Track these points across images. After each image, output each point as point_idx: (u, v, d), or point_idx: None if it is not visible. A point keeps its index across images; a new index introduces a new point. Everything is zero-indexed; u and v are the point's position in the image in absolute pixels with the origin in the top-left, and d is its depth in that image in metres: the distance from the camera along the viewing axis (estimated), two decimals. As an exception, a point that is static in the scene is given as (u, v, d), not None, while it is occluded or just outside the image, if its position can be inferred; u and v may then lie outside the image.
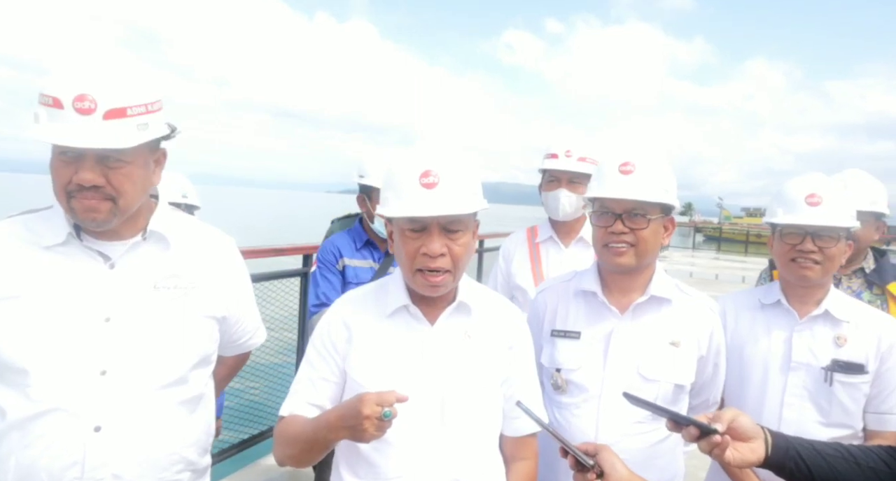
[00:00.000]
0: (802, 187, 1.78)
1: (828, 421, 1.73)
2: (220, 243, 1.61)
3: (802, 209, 1.75)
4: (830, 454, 1.22)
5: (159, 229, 1.45)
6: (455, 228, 1.36)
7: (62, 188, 1.30)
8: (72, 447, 1.30)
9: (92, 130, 1.24)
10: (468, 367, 1.44)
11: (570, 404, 1.69)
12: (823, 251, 1.73)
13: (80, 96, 1.24)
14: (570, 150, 2.49)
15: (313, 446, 1.35)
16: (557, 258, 2.55)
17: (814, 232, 1.73)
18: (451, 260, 1.37)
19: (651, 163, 1.64)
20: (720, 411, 1.23)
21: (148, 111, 1.32)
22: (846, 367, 1.74)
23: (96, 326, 1.34)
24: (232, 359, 1.77)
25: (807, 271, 1.75)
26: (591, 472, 1.18)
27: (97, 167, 1.29)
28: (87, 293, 1.35)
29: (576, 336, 1.72)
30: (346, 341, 1.45)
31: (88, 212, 1.31)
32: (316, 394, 1.45)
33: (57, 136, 1.24)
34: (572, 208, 2.50)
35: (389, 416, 1.18)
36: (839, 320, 1.78)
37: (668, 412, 1.23)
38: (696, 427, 1.19)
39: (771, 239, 1.87)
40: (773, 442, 1.21)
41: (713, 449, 1.19)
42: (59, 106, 1.24)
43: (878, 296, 2.36)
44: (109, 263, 1.39)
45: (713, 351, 1.74)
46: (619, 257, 1.64)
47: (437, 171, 1.33)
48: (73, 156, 1.28)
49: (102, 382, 1.33)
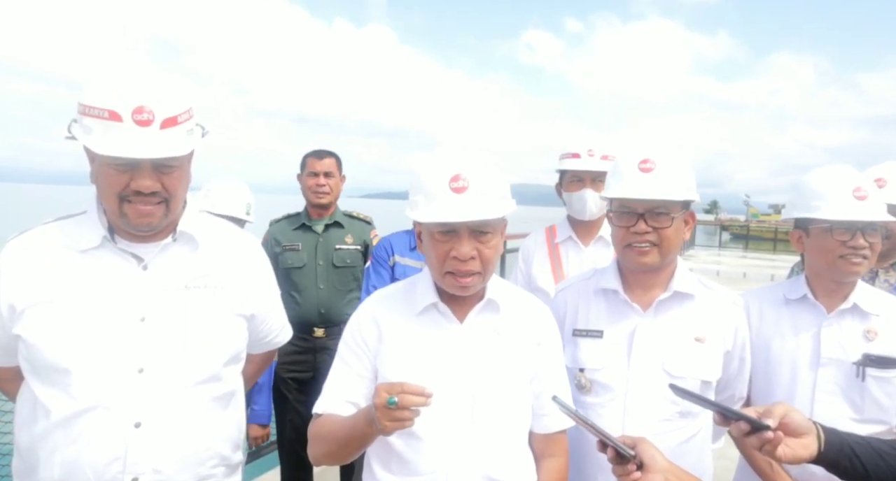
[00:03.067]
0: (846, 181, 1.72)
1: (861, 418, 1.69)
2: (246, 243, 1.66)
3: (851, 204, 1.70)
4: (887, 452, 1.18)
5: (188, 230, 1.50)
6: (485, 230, 1.39)
7: (115, 195, 1.36)
8: (113, 443, 1.35)
9: (152, 140, 1.31)
10: (498, 364, 1.45)
11: (595, 404, 1.68)
12: (872, 246, 1.70)
13: (139, 108, 1.30)
14: (592, 149, 2.48)
15: (350, 442, 1.38)
16: (577, 258, 2.54)
17: (863, 227, 1.69)
18: (480, 262, 1.39)
19: (670, 160, 1.63)
20: (771, 406, 1.19)
21: (190, 117, 1.40)
22: (879, 361, 1.70)
23: (132, 326, 1.40)
24: (259, 357, 1.81)
25: (857, 267, 1.70)
26: (632, 463, 1.16)
27: (154, 174, 1.36)
28: (123, 294, 1.41)
29: (598, 335, 1.71)
30: (377, 339, 1.48)
31: (144, 217, 1.38)
32: (351, 391, 1.47)
33: (124, 149, 1.30)
34: (598, 208, 2.49)
35: (394, 403, 1.20)
36: (868, 313, 1.75)
37: (716, 405, 1.21)
38: (748, 422, 1.15)
39: (799, 234, 1.82)
40: (825, 438, 1.18)
41: (764, 446, 1.16)
42: (118, 118, 1.29)
43: None
44: (143, 264, 1.45)
45: (739, 345, 1.72)
46: (644, 257, 1.63)
47: (466, 176, 1.35)
48: (127, 165, 1.34)
49: (140, 380, 1.38)
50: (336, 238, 3.11)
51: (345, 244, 3.10)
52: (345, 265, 3.08)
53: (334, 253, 3.07)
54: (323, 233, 3.09)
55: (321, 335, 3.01)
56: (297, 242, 3.07)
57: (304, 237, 3.08)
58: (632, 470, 1.16)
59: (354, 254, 3.11)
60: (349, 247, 3.11)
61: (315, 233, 3.09)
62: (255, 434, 3.04)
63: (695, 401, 1.25)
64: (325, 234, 3.09)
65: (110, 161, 1.33)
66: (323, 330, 3.01)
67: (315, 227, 3.10)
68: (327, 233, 3.10)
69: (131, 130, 1.30)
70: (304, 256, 3.05)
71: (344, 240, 3.11)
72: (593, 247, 2.55)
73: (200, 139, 1.44)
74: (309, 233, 3.09)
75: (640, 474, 1.15)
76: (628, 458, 1.16)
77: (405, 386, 1.21)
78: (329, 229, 3.11)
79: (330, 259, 3.06)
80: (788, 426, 1.17)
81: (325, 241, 3.08)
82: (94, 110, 1.30)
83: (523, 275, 2.65)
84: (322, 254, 3.06)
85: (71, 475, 1.35)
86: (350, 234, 3.14)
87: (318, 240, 3.07)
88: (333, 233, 3.11)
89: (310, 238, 3.08)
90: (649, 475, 1.14)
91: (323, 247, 3.07)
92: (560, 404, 1.19)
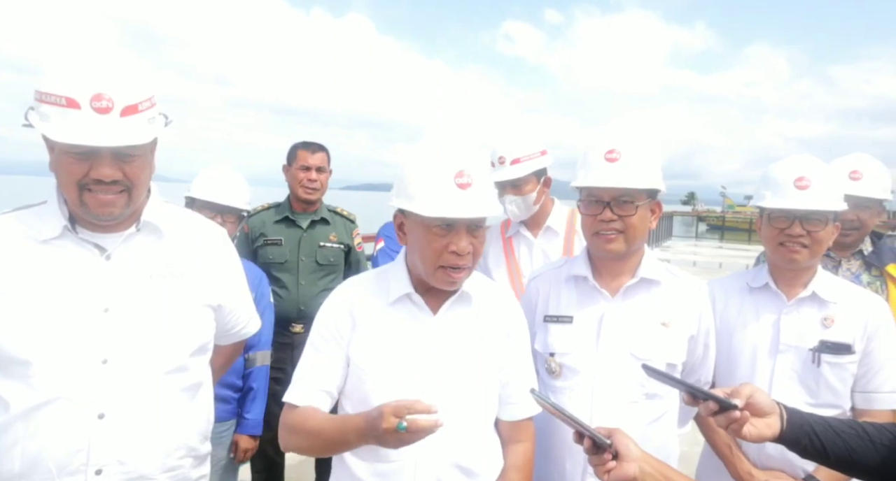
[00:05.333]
0: (791, 170, 1.77)
1: (816, 402, 1.75)
2: (212, 233, 1.64)
3: (791, 193, 1.74)
4: (845, 431, 1.22)
5: (153, 220, 1.48)
6: (479, 226, 1.42)
7: (74, 183, 1.33)
8: (77, 435, 1.34)
9: (111, 128, 1.29)
10: (468, 355, 1.48)
11: (564, 388, 1.72)
12: (812, 235, 1.74)
13: (97, 95, 1.27)
14: (503, 157, 2.47)
15: (338, 446, 1.39)
16: (528, 249, 2.58)
17: (802, 216, 1.74)
18: (473, 257, 1.43)
19: (636, 150, 1.67)
20: (738, 386, 1.23)
21: (152, 105, 1.37)
22: (833, 348, 1.76)
23: (95, 317, 1.38)
24: (228, 348, 1.81)
25: (795, 255, 1.76)
26: (608, 453, 1.18)
27: (114, 162, 1.33)
28: (85, 284, 1.38)
29: (568, 320, 1.75)
30: (350, 327, 1.48)
31: (105, 206, 1.35)
32: (324, 380, 1.47)
33: (82, 137, 1.27)
34: (520, 210, 2.51)
35: (404, 429, 1.18)
36: (826, 301, 1.80)
37: (686, 385, 1.24)
38: (716, 401, 1.19)
39: (759, 222, 1.88)
40: (788, 417, 1.22)
41: (731, 424, 1.20)
42: (76, 106, 1.27)
43: (877, 277, 2.39)
44: (105, 255, 1.42)
45: (703, 330, 1.76)
46: (610, 244, 1.66)
47: (470, 172, 1.37)
48: (85, 153, 1.31)
49: (104, 371, 1.36)
50: (321, 235, 3.03)
51: (329, 242, 3.04)
52: (328, 263, 3.02)
53: (318, 250, 3.00)
54: (308, 229, 3.01)
55: (299, 331, 2.94)
56: (279, 236, 2.99)
57: (287, 231, 2.99)
58: (607, 460, 1.18)
59: (338, 252, 3.05)
60: (333, 245, 3.04)
61: (299, 228, 3.00)
62: (244, 446, 2.54)
63: (665, 381, 1.28)
64: (311, 231, 3.01)
65: (69, 149, 1.31)
66: (301, 326, 2.94)
67: (300, 222, 3.01)
68: (312, 230, 3.02)
69: (90, 118, 1.27)
70: (286, 252, 2.97)
71: (329, 237, 3.05)
72: (542, 237, 2.59)
73: (163, 128, 1.41)
74: (293, 228, 3.00)
75: (616, 463, 1.17)
76: (604, 448, 1.18)
77: (412, 407, 1.19)
78: (315, 225, 3.03)
79: (313, 256, 2.99)
80: (753, 406, 1.20)
81: (309, 238, 3.00)
82: (51, 97, 1.27)
83: (481, 267, 2.69)
84: (305, 251, 2.98)
85: (32, 468, 1.33)
86: (335, 233, 3.07)
87: (303, 235, 2.99)
88: (319, 230, 3.04)
89: (293, 233, 2.99)
90: (624, 464, 1.16)
91: (307, 243, 2.99)
92: (538, 396, 1.20)
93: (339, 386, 1.49)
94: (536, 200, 2.51)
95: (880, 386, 1.76)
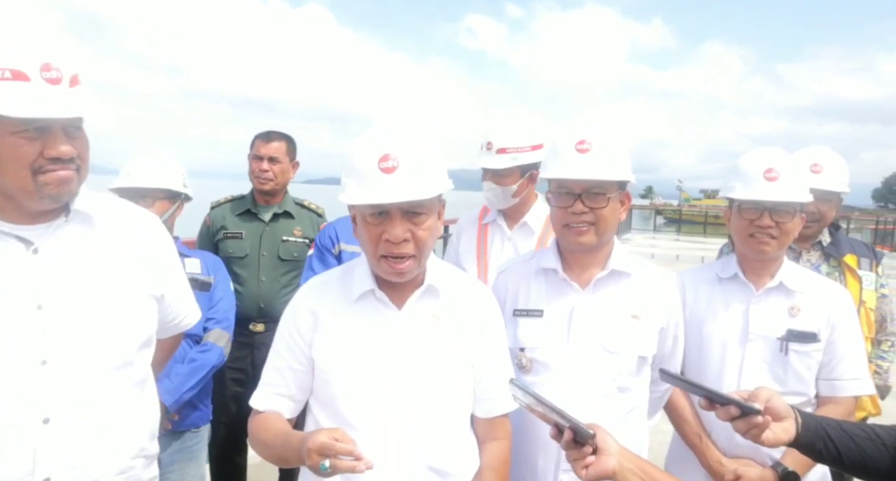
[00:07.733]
0: (760, 162, 1.79)
1: (784, 390, 1.76)
2: (145, 220, 1.53)
3: (760, 184, 1.76)
4: (858, 434, 1.22)
5: (83, 208, 1.36)
6: (418, 211, 1.34)
7: (27, 167, 1.22)
8: (20, 442, 1.24)
9: (64, 99, 1.19)
10: (437, 351, 1.43)
11: (535, 383, 1.69)
12: (780, 226, 1.76)
13: (46, 65, 1.18)
14: (491, 143, 2.43)
15: (286, 461, 1.38)
16: (501, 241, 2.53)
17: (771, 207, 1.76)
18: (414, 245, 1.35)
19: (606, 141, 1.64)
20: (755, 390, 1.22)
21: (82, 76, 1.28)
22: (800, 336, 1.78)
23: (28, 315, 1.27)
24: (167, 342, 1.70)
25: (764, 246, 1.78)
26: (587, 447, 1.17)
27: (67, 139, 1.24)
28: (12, 281, 1.27)
29: (538, 314, 1.72)
30: (312, 327, 1.43)
31: (65, 184, 1.26)
32: (285, 385, 1.44)
33: (37, 109, 1.16)
34: (497, 199, 2.47)
35: (325, 469, 1.16)
36: (793, 291, 1.82)
37: (704, 390, 1.22)
38: (737, 406, 1.17)
39: (728, 213, 1.89)
40: (802, 422, 1.22)
41: (751, 429, 1.18)
42: (25, 78, 1.16)
43: (836, 267, 2.46)
44: (32, 248, 1.30)
45: (673, 322, 1.76)
46: (581, 236, 1.64)
47: (395, 155, 1.30)
48: (37, 130, 1.21)
49: (44, 372, 1.27)
50: (284, 229, 2.91)
51: (293, 236, 2.90)
52: (291, 258, 2.89)
53: (281, 244, 2.87)
54: (270, 223, 2.89)
55: (260, 330, 2.82)
56: (240, 230, 2.87)
57: (248, 225, 2.88)
58: (587, 454, 1.16)
59: (302, 247, 2.89)
60: (297, 239, 2.90)
61: (261, 222, 2.89)
62: None
63: (684, 387, 1.26)
64: (273, 224, 2.90)
65: (20, 127, 1.19)
66: (262, 325, 2.82)
67: (262, 215, 2.89)
68: (275, 223, 2.91)
69: (41, 89, 1.17)
70: (247, 246, 2.85)
71: (292, 231, 2.92)
72: (518, 232, 2.53)
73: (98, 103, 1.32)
74: (254, 222, 2.89)
75: (595, 458, 1.16)
76: (584, 442, 1.17)
77: (334, 448, 1.16)
78: (277, 219, 2.91)
79: (275, 251, 2.87)
80: (770, 410, 1.20)
81: (271, 231, 2.88)
82: None
83: (454, 251, 2.64)
84: (267, 245, 2.87)
85: None
86: (299, 227, 2.94)
87: (264, 229, 2.87)
88: (282, 224, 2.92)
89: (255, 226, 2.88)
90: (603, 458, 1.15)
91: (269, 237, 2.88)
92: (518, 386, 1.17)
93: (305, 389, 1.46)
94: (516, 194, 2.45)
95: (843, 374, 1.80)
